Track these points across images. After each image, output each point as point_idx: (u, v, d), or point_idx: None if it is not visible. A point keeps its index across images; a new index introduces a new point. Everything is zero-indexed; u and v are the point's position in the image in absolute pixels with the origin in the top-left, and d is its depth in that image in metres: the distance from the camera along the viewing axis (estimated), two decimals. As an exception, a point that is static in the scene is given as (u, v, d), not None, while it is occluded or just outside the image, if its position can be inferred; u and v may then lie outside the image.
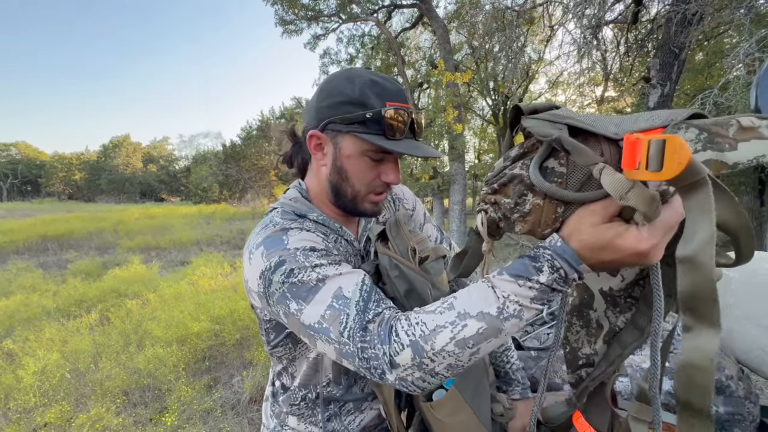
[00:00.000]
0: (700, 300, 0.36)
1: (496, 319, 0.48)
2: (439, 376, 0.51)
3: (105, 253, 8.79)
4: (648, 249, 0.41)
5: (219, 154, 28.80)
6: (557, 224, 0.47)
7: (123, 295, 4.84)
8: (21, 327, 3.92)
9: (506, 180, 0.49)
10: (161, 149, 51.87)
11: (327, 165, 0.71)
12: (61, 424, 2.37)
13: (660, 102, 5.39)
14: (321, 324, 0.56)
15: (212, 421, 2.44)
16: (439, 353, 0.49)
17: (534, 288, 0.47)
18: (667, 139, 0.34)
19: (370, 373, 0.53)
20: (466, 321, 0.48)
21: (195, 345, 3.27)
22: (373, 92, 0.65)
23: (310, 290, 0.58)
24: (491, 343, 0.49)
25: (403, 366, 0.50)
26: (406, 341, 0.50)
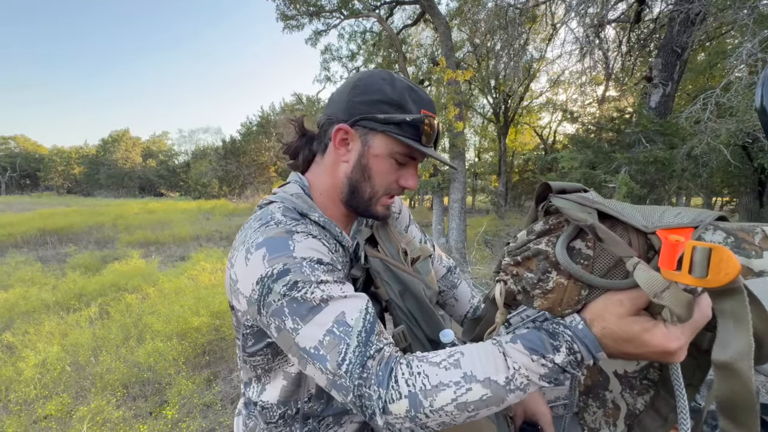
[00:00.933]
0: (739, 407, 0.36)
1: (502, 389, 0.46)
2: (428, 430, 0.49)
3: (104, 247, 8.78)
4: (676, 349, 0.41)
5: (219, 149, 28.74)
6: (579, 306, 0.47)
7: (122, 289, 4.84)
8: (20, 320, 3.92)
9: (531, 254, 0.49)
10: (161, 144, 51.70)
11: (350, 162, 0.69)
12: (61, 417, 2.38)
13: (661, 101, 5.39)
14: (318, 351, 0.52)
15: (212, 414, 2.45)
16: (436, 411, 0.47)
17: (546, 366, 0.46)
18: (713, 248, 0.35)
19: (361, 410, 0.51)
20: (472, 385, 0.47)
21: (195, 339, 3.27)
22: (410, 97, 0.65)
23: (312, 309, 0.54)
24: (490, 410, 0.48)
25: (396, 415, 0.48)
26: (404, 391, 0.48)
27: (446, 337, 0.71)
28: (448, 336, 0.71)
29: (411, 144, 0.64)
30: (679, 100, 7.88)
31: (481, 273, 5.70)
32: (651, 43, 7.05)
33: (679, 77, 5.51)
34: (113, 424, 2.26)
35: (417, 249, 0.79)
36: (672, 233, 0.39)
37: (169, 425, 2.29)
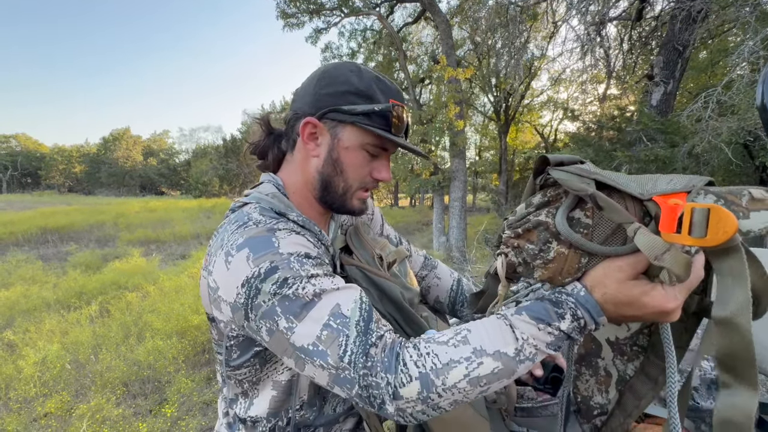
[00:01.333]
0: (739, 360, 0.38)
1: (512, 360, 0.47)
2: (440, 410, 0.48)
3: (105, 245, 8.79)
4: (673, 308, 0.43)
5: (219, 148, 28.76)
6: (578, 274, 0.48)
7: (123, 288, 4.85)
8: (21, 318, 3.94)
9: (531, 226, 0.50)
10: (161, 143, 51.74)
11: (320, 156, 0.66)
12: (61, 414, 2.39)
13: (663, 100, 5.37)
14: (317, 347, 0.50)
15: (212, 413, 2.45)
16: (449, 389, 0.46)
17: (553, 334, 0.47)
18: (711, 208, 0.36)
19: (368, 402, 0.49)
20: (483, 359, 0.47)
21: (195, 337, 3.28)
22: (378, 87, 0.64)
23: (305, 306, 0.52)
24: (501, 383, 0.48)
25: (407, 399, 0.47)
26: (415, 373, 0.47)
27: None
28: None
29: (381, 134, 0.63)
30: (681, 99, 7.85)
31: (481, 271, 5.70)
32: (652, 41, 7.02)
33: (681, 75, 5.49)
34: (113, 422, 2.26)
35: (392, 252, 0.77)
36: (668, 198, 0.41)
37: (169, 423, 2.29)
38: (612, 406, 0.60)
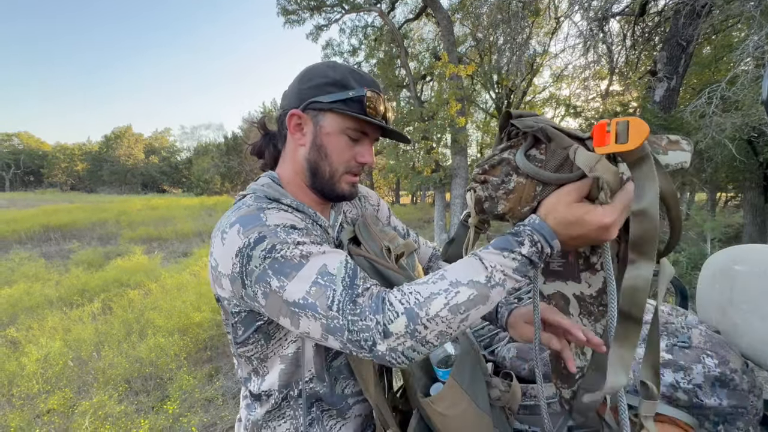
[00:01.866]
0: (647, 241, 0.49)
1: (484, 286, 0.52)
2: (428, 345, 0.53)
3: (107, 243, 8.82)
4: (610, 223, 0.51)
5: (221, 145, 28.76)
6: (535, 203, 0.57)
7: (125, 285, 4.86)
8: (24, 315, 3.95)
9: (496, 162, 0.60)
10: (163, 140, 51.79)
11: (306, 144, 0.72)
12: (64, 411, 2.40)
13: (666, 96, 5.33)
14: (306, 300, 0.55)
15: (213, 409, 2.46)
16: (432, 319, 0.51)
17: (516, 260, 0.53)
18: (630, 120, 0.47)
19: (359, 346, 0.53)
20: (459, 288, 0.52)
21: (196, 335, 3.29)
22: (352, 77, 0.70)
23: (294, 267, 0.56)
24: (479, 311, 0.53)
25: (396, 334, 0.51)
26: (400, 309, 0.52)
27: None
28: None
29: (357, 116, 0.68)
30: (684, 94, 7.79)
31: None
32: (656, 37, 6.96)
33: (684, 71, 5.44)
34: (115, 419, 2.27)
35: (401, 245, 0.78)
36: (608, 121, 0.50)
37: (171, 420, 2.30)
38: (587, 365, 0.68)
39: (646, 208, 0.48)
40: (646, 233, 0.48)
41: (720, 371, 0.85)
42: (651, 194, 0.48)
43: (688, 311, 1.15)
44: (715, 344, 0.92)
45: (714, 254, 1.13)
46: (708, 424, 0.85)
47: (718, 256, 1.10)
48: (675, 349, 0.93)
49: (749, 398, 0.85)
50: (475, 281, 0.52)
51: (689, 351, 0.91)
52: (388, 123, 0.74)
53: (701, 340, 0.94)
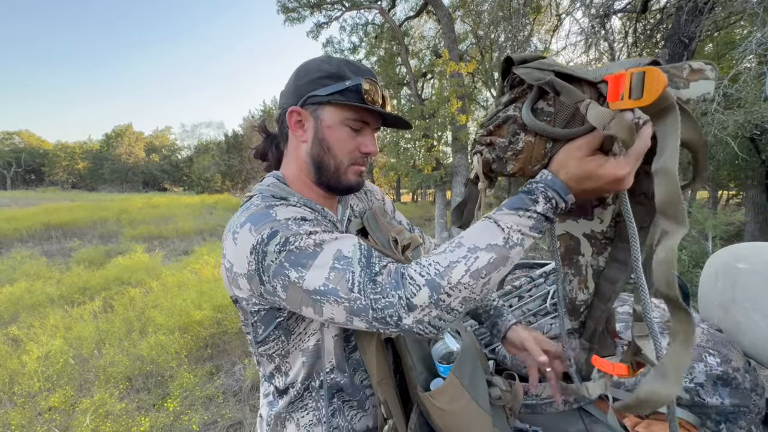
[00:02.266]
0: (673, 203, 0.44)
1: (503, 248, 0.52)
2: (454, 312, 0.53)
3: (108, 241, 8.83)
4: (624, 175, 0.49)
5: (221, 144, 28.74)
6: (545, 160, 0.54)
7: (126, 283, 4.87)
8: (25, 313, 3.96)
9: (500, 121, 0.56)
10: (163, 139, 51.76)
11: (308, 140, 0.72)
12: (65, 409, 2.40)
13: (668, 93, 5.30)
14: (327, 286, 0.55)
15: (214, 407, 2.46)
16: (455, 287, 0.51)
17: (532, 217, 0.53)
18: (646, 70, 0.42)
19: (385, 323, 0.53)
20: (478, 254, 0.52)
21: (197, 333, 3.29)
22: (348, 69, 0.70)
23: (309, 256, 0.57)
24: (500, 272, 0.53)
25: (421, 306, 0.52)
26: (421, 281, 0.52)
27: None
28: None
29: (357, 105, 0.68)
30: (686, 92, 7.75)
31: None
32: (658, 34, 6.92)
33: (686, 68, 5.41)
34: (116, 417, 2.28)
35: (407, 238, 0.79)
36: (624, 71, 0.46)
37: (171, 418, 2.30)
38: (591, 297, 0.67)
39: (664, 165, 0.44)
40: (671, 194, 0.44)
41: (722, 370, 0.85)
42: (670, 149, 0.44)
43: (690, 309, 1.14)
44: (717, 343, 0.91)
45: (716, 252, 1.12)
46: (710, 422, 0.85)
47: (721, 254, 1.09)
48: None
49: (751, 397, 0.84)
50: (493, 244, 0.52)
51: (691, 350, 0.91)
52: (387, 108, 0.74)
53: (703, 339, 0.93)
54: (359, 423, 0.74)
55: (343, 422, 0.73)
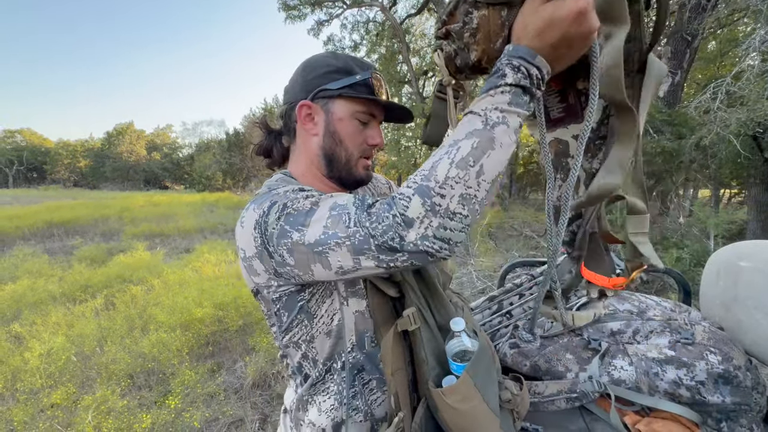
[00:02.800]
0: (611, 4, 0.44)
1: (484, 130, 0.50)
2: (457, 217, 0.49)
3: (110, 239, 8.86)
4: (585, 6, 0.46)
5: (222, 142, 28.78)
6: (505, 31, 0.53)
7: (128, 281, 4.88)
8: (28, 311, 3.98)
9: (452, 8, 0.57)
10: (165, 137, 51.79)
11: (319, 133, 0.73)
12: (67, 405, 2.42)
13: (670, 91, 5.28)
14: (326, 232, 0.55)
15: (216, 404, 2.47)
16: (445, 184, 0.49)
17: (506, 92, 0.50)
18: None
19: (390, 248, 0.51)
20: (459, 144, 0.50)
21: (198, 330, 3.30)
22: (355, 64, 0.72)
23: (307, 214, 0.57)
24: (490, 158, 0.50)
25: (418, 218, 0.49)
26: (409, 192, 0.50)
27: (457, 325, 0.69)
28: (459, 324, 0.69)
29: (368, 97, 0.70)
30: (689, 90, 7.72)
31: (484, 265, 5.68)
32: (660, 31, 6.88)
33: (689, 66, 5.39)
34: (118, 413, 2.29)
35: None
36: None
37: (173, 415, 2.31)
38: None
39: None
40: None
41: (723, 368, 0.85)
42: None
43: (692, 308, 1.14)
44: (718, 341, 0.91)
45: (718, 250, 1.12)
46: (711, 421, 0.85)
47: (723, 252, 1.09)
48: (678, 346, 0.92)
49: (753, 395, 0.84)
50: (472, 131, 0.50)
51: (692, 347, 0.90)
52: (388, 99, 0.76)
53: (705, 337, 0.93)
54: (378, 409, 0.74)
55: (363, 405, 0.73)
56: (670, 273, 1.36)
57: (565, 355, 1.00)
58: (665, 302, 1.11)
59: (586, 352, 0.99)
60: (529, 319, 1.23)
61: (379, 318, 0.71)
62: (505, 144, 0.50)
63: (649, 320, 1.02)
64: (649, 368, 0.89)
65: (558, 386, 0.93)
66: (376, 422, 0.74)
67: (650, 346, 0.95)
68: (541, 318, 1.22)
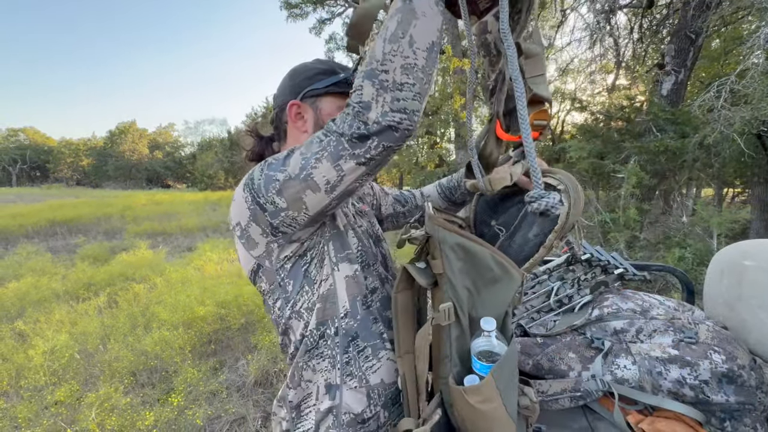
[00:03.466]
0: None
1: (404, 5, 0.55)
2: (405, 86, 0.55)
3: (112, 238, 8.89)
4: None
5: (224, 141, 28.85)
6: None
7: (130, 279, 4.90)
8: (31, 308, 4.00)
9: None
10: (167, 136, 51.89)
11: (309, 130, 0.78)
12: (71, 403, 2.43)
13: (673, 89, 5.26)
14: (305, 156, 0.60)
15: (218, 402, 2.48)
16: (385, 60, 0.54)
17: None
18: None
19: (360, 136, 0.56)
20: (387, 25, 0.56)
21: (201, 328, 3.31)
22: (338, 67, 0.80)
23: (285, 157, 0.63)
24: (417, 27, 0.55)
25: (372, 99, 0.54)
26: (359, 81, 0.56)
27: (488, 324, 0.66)
28: (490, 324, 0.66)
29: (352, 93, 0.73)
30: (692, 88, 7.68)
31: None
32: (664, 30, 6.85)
33: (693, 64, 5.36)
34: (121, 411, 2.30)
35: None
36: None
37: (176, 412, 2.32)
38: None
39: None
40: None
41: (727, 367, 0.84)
42: None
43: (695, 307, 1.13)
44: (722, 340, 0.91)
45: (722, 249, 1.11)
46: (714, 420, 0.84)
47: (727, 251, 1.08)
48: (681, 345, 0.91)
49: (757, 395, 0.83)
50: (395, 10, 0.56)
51: (696, 347, 0.90)
52: None
53: (708, 336, 0.92)
54: (373, 376, 0.75)
55: (357, 371, 0.74)
56: (674, 272, 1.35)
57: (568, 354, 1.00)
58: (669, 301, 1.11)
59: (588, 351, 0.99)
60: (531, 317, 1.23)
61: (400, 307, 0.72)
62: (429, 13, 0.56)
63: (652, 319, 1.02)
64: (652, 367, 0.89)
65: (562, 385, 0.93)
66: (372, 389, 0.75)
67: (653, 345, 0.94)
68: (543, 318, 1.22)
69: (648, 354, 0.92)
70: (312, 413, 0.74)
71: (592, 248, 1.26)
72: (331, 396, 0.73)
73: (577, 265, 1.29)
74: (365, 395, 0.74)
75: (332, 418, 0.72)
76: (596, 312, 1.09)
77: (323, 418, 0.72)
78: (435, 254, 0.68)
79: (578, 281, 1.22)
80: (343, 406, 0.72)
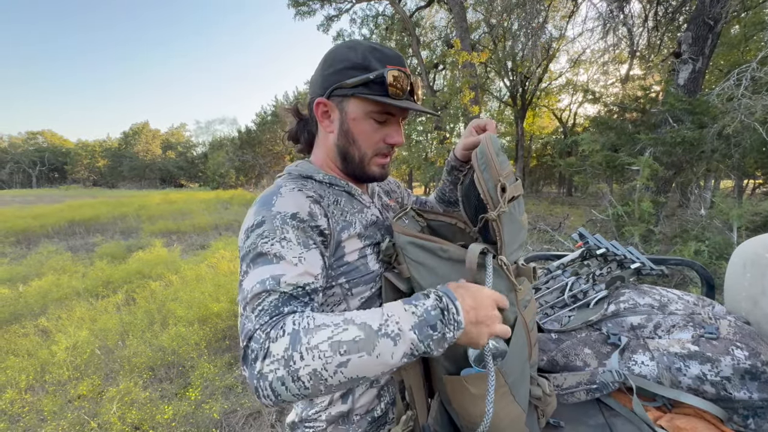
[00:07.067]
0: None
1: (374, 333, 0.50)
2: (298, 384, 0.48)
3: (129, 236, 9.09)
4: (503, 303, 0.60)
5: (235, 140, 29.12)
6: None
7: (147, 277, 5.01)
8: (54, 306, 4.12)
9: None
10: (179, 136, 52.67)
11: (334, 131, 0.74)
12: (93, 397, 2.51)
13: (691, 78, 5.10)
14: (244, 294, 0.57)
15: (233, 396, 2.53)
16: (311, 350, 0.48)
17: (415, 314, 0.52)
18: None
19: (246, 356, 0.51)
20: (349, 326, 0.51)
21: (215, 324, 3.37)
22: (374, 57, 0.68)
23: (263, 258, 0.59)
24: (362, 360, 0.49)
25: (274, 357, 0.49)
26: (289, 329, 0.51)
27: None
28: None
29: (380, 100, 0.68)
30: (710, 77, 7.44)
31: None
32: (680, 17, 6.64)
33: (711, 52, 5.18)
34: (141, 404, 2.36)
35: (516, 185, 0.81)
36: None
37: (193, 406, 2.38)
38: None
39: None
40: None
41: (750, 363, 0.82)
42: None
43: (715, 302, 1.10)
44: (745, 335, 0.88)
45: (744, 242, 1.08)
46: (737, 417, 0.83)
47: (750, 244, 1.05)
48: (702, 341, 0.89)
49: (781, 391, 0.81)
50: (367, 324, 0.51)
51: (717, 342, 0.88)
52: (416, 97, 0.73)
53: (730, 332, 0.90)
54: (362, 399, 0.75)
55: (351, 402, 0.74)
56: (693, 266, 1.32)
57: (584, 350, 0.99)
58: (687, 296, 1.08)
59: (605, 347, 0.98)
60: (545, 313, 1.22)
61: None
62: (382, 357, 0.50)
63: (670, 314, 1.00)
64: (671, 363, 0.87)
65: (577, 378, 0.92)
66: (381, 388, 0.77)
67: (672, 340, 0.93)
68: (557, 313, 1.21)
69: (666, 350, 0.90)
70: (323, 415, 0.76)
71: (607, 242, 1.24)
72: (344, 400, 0.74)
73: (592, 260, 1.27)
74: (375, 395, 0.76)
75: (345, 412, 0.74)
76: (612, 307, 1.07)
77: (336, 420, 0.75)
78: (400, 259, 0.72)
79: (593, 276, 1.20)
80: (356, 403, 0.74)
